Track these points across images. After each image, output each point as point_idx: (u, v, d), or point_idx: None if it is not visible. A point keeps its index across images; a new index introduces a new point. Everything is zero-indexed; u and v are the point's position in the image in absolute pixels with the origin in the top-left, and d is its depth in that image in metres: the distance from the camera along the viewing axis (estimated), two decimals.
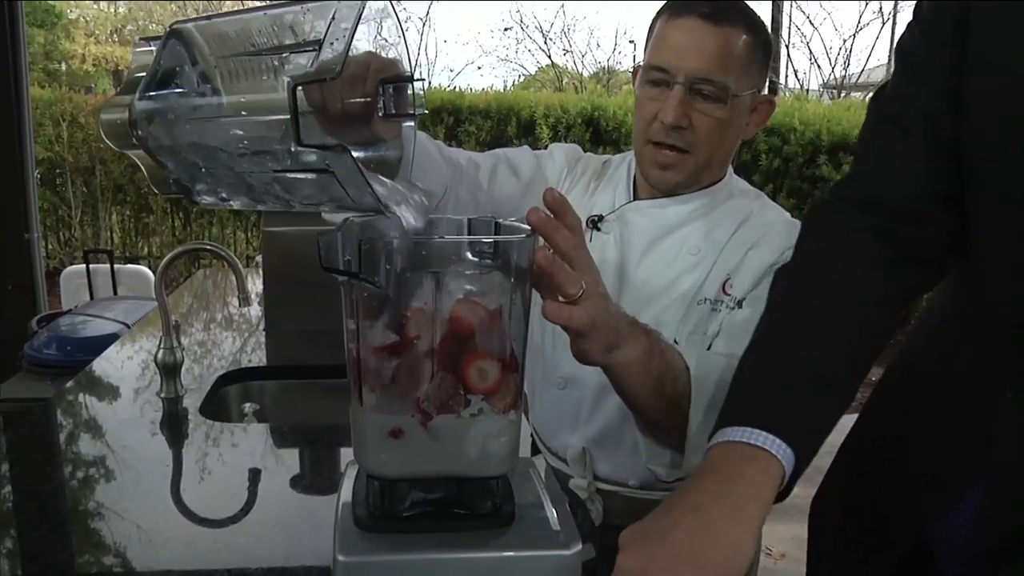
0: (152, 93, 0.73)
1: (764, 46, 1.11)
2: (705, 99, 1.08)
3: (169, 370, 1.50)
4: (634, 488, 1.20)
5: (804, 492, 0.89)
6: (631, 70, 1.23)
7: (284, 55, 0.70)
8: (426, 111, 0.84)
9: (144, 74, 0.74)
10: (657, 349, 0.92)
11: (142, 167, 0.79)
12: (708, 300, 1.13)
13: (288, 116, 0.65)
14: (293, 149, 0.67)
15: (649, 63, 1.10)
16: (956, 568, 0.85)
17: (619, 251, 1.19)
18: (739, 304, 1.11)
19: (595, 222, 1.22)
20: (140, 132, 0.73)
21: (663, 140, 1.11)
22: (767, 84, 1.17)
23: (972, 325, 0.86)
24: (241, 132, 0.70)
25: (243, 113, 0.70)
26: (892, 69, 0.89)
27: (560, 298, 0.77)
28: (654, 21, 1.13)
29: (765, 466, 0.72)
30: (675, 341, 1.12)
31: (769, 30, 1.13)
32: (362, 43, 0.78)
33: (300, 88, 0.65)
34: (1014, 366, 0.79)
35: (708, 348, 1.11)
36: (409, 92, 0.82)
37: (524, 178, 1.24)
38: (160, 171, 0.77)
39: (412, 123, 0.86)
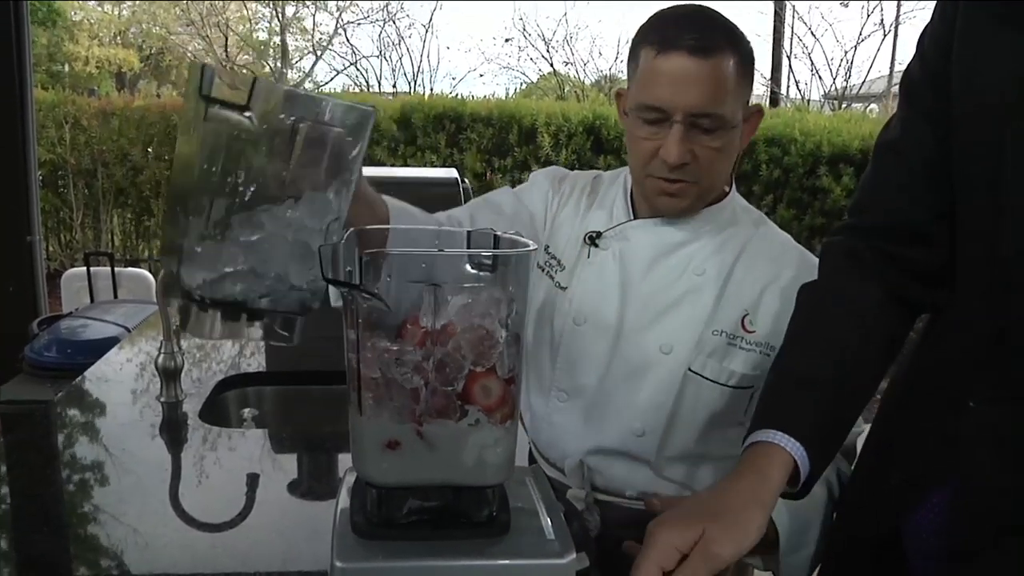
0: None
1: (748, 57, 1.10)
2: (705, 132, 1.07)
3: (169, 375, 1.51)
4: (632, 499, 1.21)
5: None
6: (615, 93, 1.22)
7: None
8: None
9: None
10: None
11: (231, 334, 0.81)
12: (725, 332, 1.14)
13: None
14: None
15: (643, 102, 1.09)
16: (921, 563, 0.90)
17: (619, 267, 1.20)
18: (770, 348, 1.12)
19: (592, 238, 1.22)
20: (190, 284, 0.76)
21: (667, 176, 1.11)
22: (768, 95, 1.19)
23: (945, 337, 0.91)
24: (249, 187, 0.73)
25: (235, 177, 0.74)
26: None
27: None
28: (636, 49, 1.11)
29: (771, 455, 0.84)
30: (690, 369, 1.14)
31: (750, 40, 1.12)
32: None
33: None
34: (977, 377, 0.83)
35: (727, 382, 1.15)
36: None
37: (506, 213, 1.25)
38: (239, 316, 0.78)
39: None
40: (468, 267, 0.74)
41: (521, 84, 12.27)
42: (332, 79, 12.76)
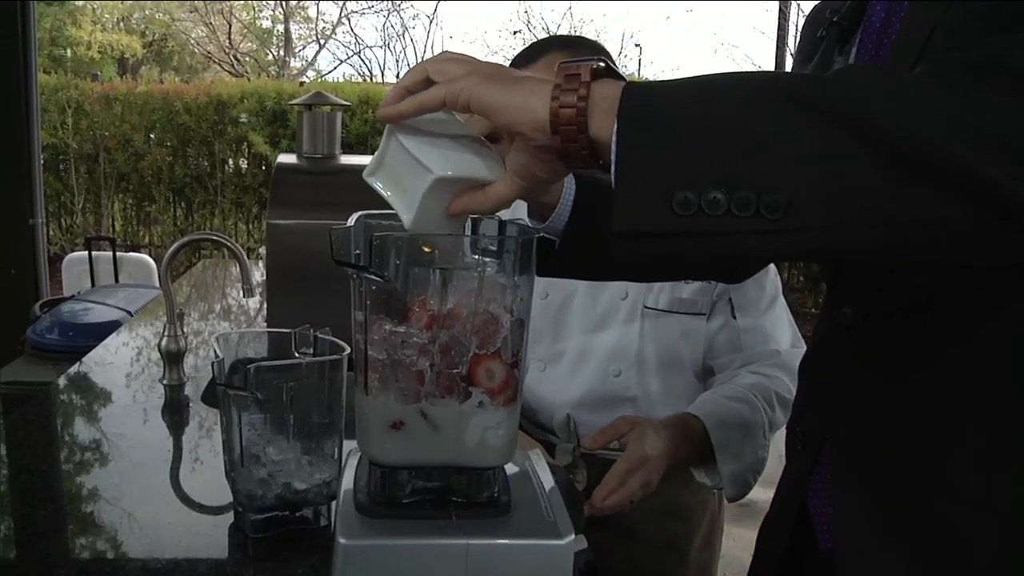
0: None
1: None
2: None
3: (173, 357, 1.52)
4: (615, 451, 1.27)
5: (768, 497, 0.93)
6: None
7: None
8: None
9: None
10: (684, 448, 1.19)
11: None
12: None
13: None
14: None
15: None
16: (827, 535, 0.83)
17: None
18: None
19: None
20: None
21: None
22: None
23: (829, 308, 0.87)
24: None
25: None
26: None
27: None
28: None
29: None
30: (645, 306, 1.32)
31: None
32: None
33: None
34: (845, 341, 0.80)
35: (678, 309, 1.32)
36: None
37: None
38: None
39: None
40: (474, 253, 0.75)
41: None
42: (335, 68, 12.77)
